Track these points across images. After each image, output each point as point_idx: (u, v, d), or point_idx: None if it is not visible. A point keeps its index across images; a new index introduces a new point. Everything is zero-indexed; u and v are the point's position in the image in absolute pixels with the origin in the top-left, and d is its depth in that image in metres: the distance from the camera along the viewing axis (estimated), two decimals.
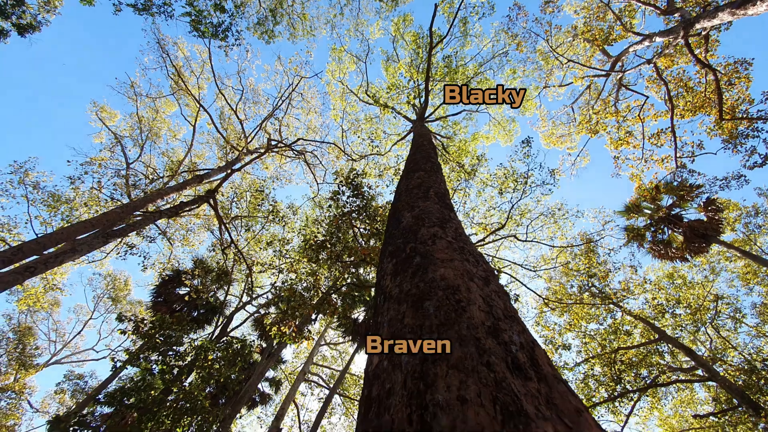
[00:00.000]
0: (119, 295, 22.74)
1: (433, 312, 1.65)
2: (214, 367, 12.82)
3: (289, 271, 12.87)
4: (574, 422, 1.21)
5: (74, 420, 10.12)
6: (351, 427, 21.68)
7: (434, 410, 1.16)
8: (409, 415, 1.19)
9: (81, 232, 8.68)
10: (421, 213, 3.07)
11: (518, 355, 1.44)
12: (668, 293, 17.36)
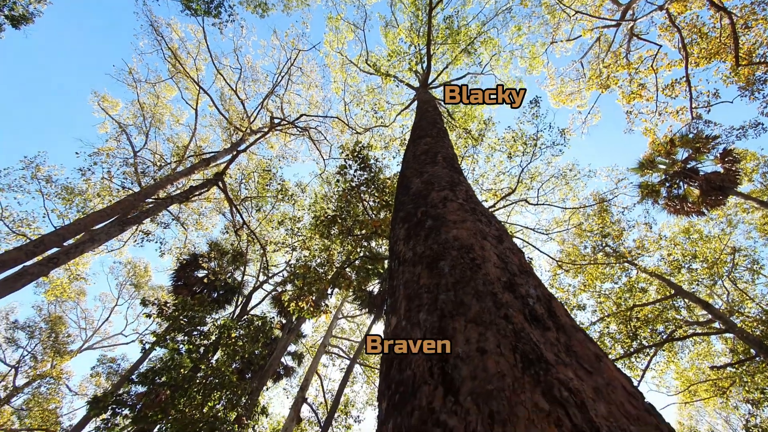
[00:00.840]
0: (141, 282, 23.47)
1: (448, 271, 1.65)
2: (237, 344, 13.29)
3: (302, 248, 13.04)
4: (595, 367, 1.22)
5: (112, 399, 10.70)
6: (373, 394, 22.52)
7: (454, 362, 1.18)
8: (430, 369, 1.21)
9: (97, 221, 8.86)
10: (431, 178, 3.03)
11: (535, 307, 1.44)
12: (684, 248, 17.17)
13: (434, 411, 1.07)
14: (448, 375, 1.15)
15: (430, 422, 1.04)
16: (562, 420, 0.94)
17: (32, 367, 20.33)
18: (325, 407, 20.77)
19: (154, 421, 10.86)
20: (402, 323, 1.56)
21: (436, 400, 1.10)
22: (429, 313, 1.46)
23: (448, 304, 1.45)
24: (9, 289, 7.01)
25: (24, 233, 13.46)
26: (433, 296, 1.55)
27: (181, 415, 10.64)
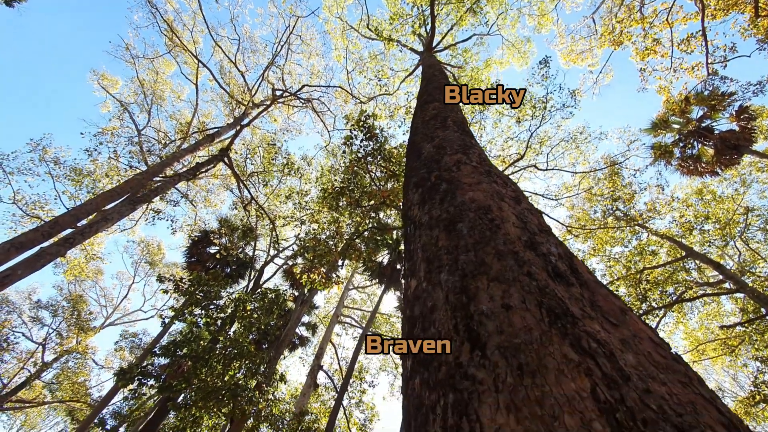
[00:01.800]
0: (155, 260, 24.00)
1: (467, 232, 1.63)
2: (253, 316, 13.66)
3: (311, 221, 13.11)
4: (620, 320, 1.21)
5: (137, 371, 11.17)
6: (386, 360, 23.28)
7: (479, 318, 1.18)
8: (455, 326, 1.22)
9: (108, 201, 8.95)
10: (442, 142, 2.96)
11: (558, 264, 1.43)
12: (696, 210, 16.94)
13: (461, 365, 1.08)
14: (473, 331, 1.15)
15: (458, 376, 1.05)
16: (593, 369, 0.94)
17: (58, 343, 21.25)
18: (340, 374, 21.57)
19: (178, 390, 11.37)
20: (423, 285, 1.56)
21: (462, 355, 1.10)
22: (450, 273, 1.46)
23: (469, 264, 1.44)
24: (30, 269, 7.20)
25: (38, 215, 13.69)
26: (453, 257, 1.54)
27: (203, 384, 11.12)
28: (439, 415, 1.02)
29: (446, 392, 1.05)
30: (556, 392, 0.89)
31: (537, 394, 0.90)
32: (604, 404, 0.86)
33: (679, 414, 0.85)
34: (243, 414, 11.11)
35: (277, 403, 12.50)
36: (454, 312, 1.27)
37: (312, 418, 14.52)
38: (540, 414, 0.86)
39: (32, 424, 25.92)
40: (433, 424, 1.02)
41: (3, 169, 13.56)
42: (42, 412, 24.77)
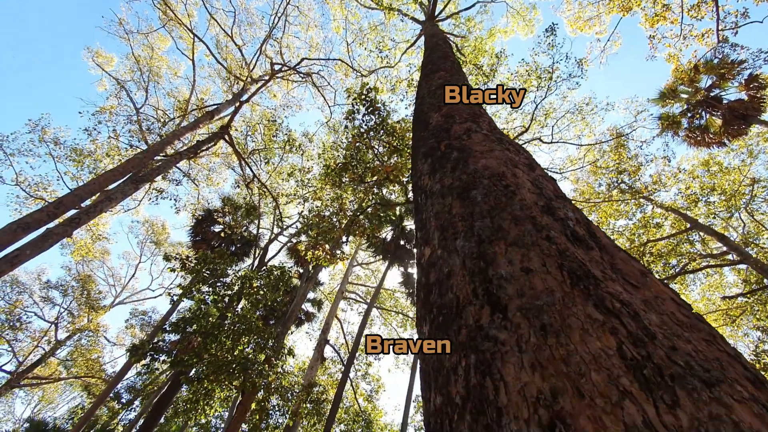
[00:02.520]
0: (160, 239, 24.19)
1: (481, 199, 1.60)
2: (259, 293, 13.87)
3: (314, 199, 13.09)
4: (641, 282, 1.20)
5: (149, 347, 11.46)
6: (390, 334, 23.77)
7: (498, 282, 1.17)
8: (473, 290, 1.21)
9: (111, 181, 8.93)
10: (450, 111, 2.89)
11: (576, 228, 1.40)
12: (702, 181, 16.81)
13: (482, 327, 1.07)
14: (493, 295, 1.14)
15: (480, 338, 1.05)
16: (618, 328, 0.93)
17: (70, 322, 21.75)
18: (346, 348, 22.09)
19: (189, 364, 11.69)
20: (438, 252, 1.54)
21: (483, 317, 1.10)
22: (466, 240, 1.44)
23: (485, 230, 1.42)
24: (38, 249, 7.27)
25: (41, 197, 13.71)
26: (468, 224, 1.52)
27: (214, 359, 11.42)
28: (461, 375, 1.03)
29: (468, 354, 1.05)
30: (582, 350, 0.89)
31: (562, 352, 0.89)
32: (631, 361, 0.85)
33: (706, 369, 0.85)
34: (253, 386, 11.46)
35: (286, 375, 12.87)
36: (472, 277, 1.26)
37: (320, 390, 14.95)
38: (566, 371, 0.85)
39: (50, 399, 26.91)
40: (455, 384, 1.03)
41: (3, 151, 13.49)
42: (58, 388, 25.65)
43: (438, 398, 1.10)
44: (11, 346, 20.46)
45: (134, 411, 21.34)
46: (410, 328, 22.74)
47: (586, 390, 0.80)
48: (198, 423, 18.98)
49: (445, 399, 1.06)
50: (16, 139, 13.85)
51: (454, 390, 1.03)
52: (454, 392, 1.02)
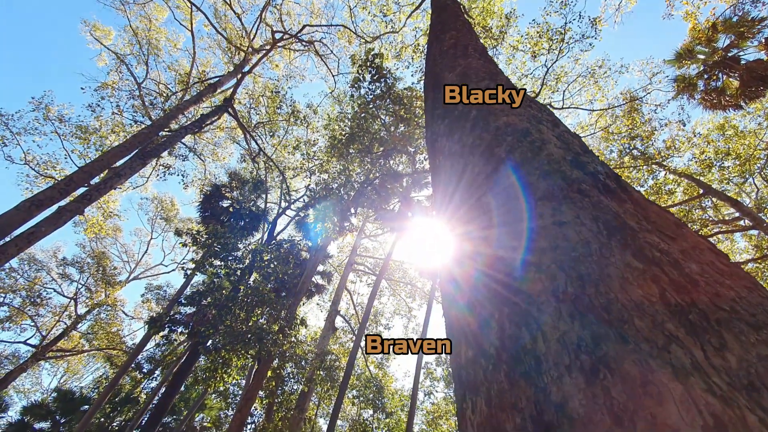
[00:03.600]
0: (170, 215, 24.45)
1: (506, 156, 1.55)
2: (270, 266, 14.08)
3: (320, 171, 13.03)
4: (677, 233, 1.17)
5: (167, 319, 11.84)
6: (399, 305, 24.24)
7: (530, 236, 1.14)
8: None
9: (118, 157, 8.92)
10: (465, 70, 2.78)
11: (607, 182, 1.36)
12: (717, 146, 16.40)
13: (516, 280, 1.06)
14: (524, 248, 1.12)
15: (513, 290, 1.04)
16: (659, 276, 0.91)
17: (88, 297, 22.44)
18: (356, 318, 22.61)
19: (206, 335, 12.07)
20: (459, 212, 1.51)
21: (515, 271, 1.08)
22: (492, 198, 1.40)
23: (511, 187, 1.38)
24: (53, 226, 7.38)
25: (51, 175, 13.81)
26: (494, 182, 1.48)
27: (229, 329, 11.76)
28: (494, 328, 1.02)
29: (501, 306, 1.04)
30: (623, 298, 0.87)
31: (602, 301, 0.88)
32: (676, 307, 0.83)
33: (751, 314, 0.83)
34: (269, 355, 11.84)
35: (300, 344, 13.25)
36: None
37: (333, 358, 15.41)
38: (607, 319, 0.84)
39: (74, 371, 28.19)
40: (488, 335, 1.02)
41: (10, 130, 13.49)
42: (82, 360, 26.79)
43: (469, 351, 1.10)
44: (34, 321, 21.26)
45: (155, 380, 22.33)
46: (419, 298, 23.14)
47: (630, 336, 0.79)
48: (217, 390, 19.82)
49: (477, 351, 1.06)
50: (21, 117, 13.80)
51: (487, 342, 1.02)
52: (487, 344, 1.02)
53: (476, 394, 1.00)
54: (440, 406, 23.97)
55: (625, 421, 0.68)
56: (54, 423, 19.08)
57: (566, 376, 0.79)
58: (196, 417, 21.14)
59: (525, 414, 0.82)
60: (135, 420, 15.66)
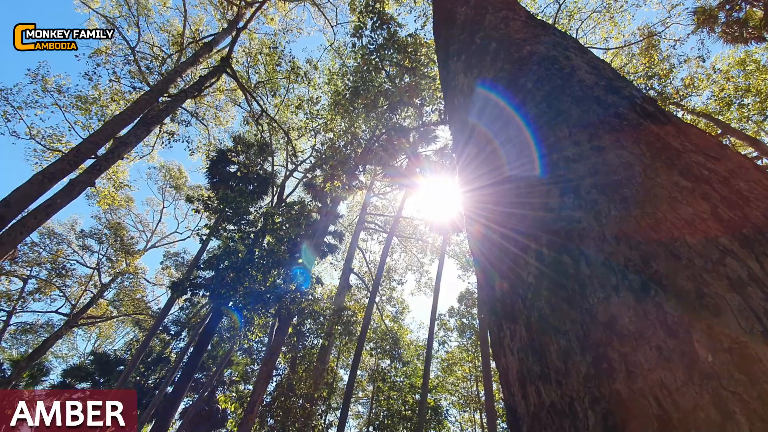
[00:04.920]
0: (179, 183, 24.61)
1: (533, 86, 1.46)
2: (282, 229, 14.27)
3: (325, 131, 12.78)
4: (721, 154, 1.10)
5: (188, 283, 12.26)
6: (410, 260, 24.66)
7: (566, 165, 1.09)
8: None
9: (122, 125, 8.82)
10: (480, 2, 2.58)
11: (645, 105, 1.28)
12: (737, 83, 15.60)
13: (552, 209, 1.03)
14: (561, 177, 1.07)
15: (550, 220, 1.01)
16: (709, 193, 0.87)
17: (110, 267, 23.23)
18: (370, 275, 23.16)
19: (226, 297, 12.53)
20: (486, 147, 1.45)
21: (552, 200, 1.05)
22: (520, 130, 1.34)
23: (541, 116, 1.31)
24: (68, 198, 7.48)
25: (57, 149, 13.81)
26: (520, 113, 1.40)
27: (248, 290, 12.17)
28: (532, 258, 1.00)
29: (538, 235, 1.02)
30: (672, 217, 0.83)
31: (649, 221, 0.84)
32: (728, 222, 0.80)
33: None
34: (288, 313, 12.31)
35: (317, 302, 13.73)
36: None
37: (349, 314, 15.96)
38: (656, 238, 0.81)
39: (106, 335, 29.84)
40: (527, 265, 1.01)
41: (11, 105, 13.35)
42: (112, 325, 28.26)
43: (505, 283, 1.10)
44: (62, 292, 22.24)
45: (183, 341, 23.61)
46: (430, 253, 23.48)
47: (682, 252, 0.76)
48: (241, 347, 20.89)
49: (514, 282, 1.05)
50: (20, 91, 13.60)
51: (524, 272, 1.01)
52: (525, 274, 1.01)
53: (514, 322, 1.01)
54: (454, 354, 25.09)
55: (680, 333, 0.67)
56: (94, 383, 20.51)
57: (614, 297, 0.77)
58: (224, 372, 22.50)
59: (570, 335, 0.81)
60: (168, 377, 16.74)
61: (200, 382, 21.34)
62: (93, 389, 17.09)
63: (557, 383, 0.81)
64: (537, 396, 0.87)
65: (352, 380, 12.59)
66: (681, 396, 0.62)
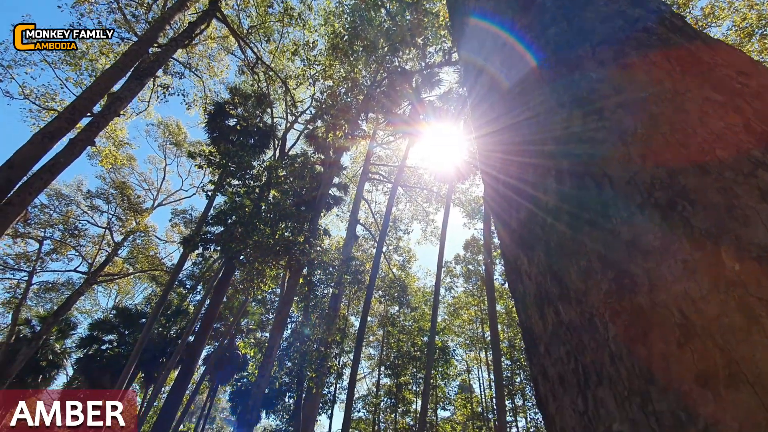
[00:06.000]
0: (179, 140, 24.27)
1: (551, 4, 1.35)
2: (286, 182, 14.25)
3: (324, 78, 12.29)
4: (752, 70, 1.04)
5: (199, 238, 12.53)
6: (416, 210, 24.80)
7: (587, 86, 1.04)
8: (558, 101, 1.09)
9: (114, 79, 8.53)
10: None
11: (673, 20, 1.18)
12: (761, 10, 14.52)
13: (575, 133, 0.99)
14: (581, 99, 1.02)
15: (572, 142, 0.98)
16: (742, 107, 0.82)
17: (121, 226, 23.66)
18: (376, 226, 23.45)
19: (237, 251, 12.82)
20: (501, 74, 1.38)
21: (574, 124, 1.01)
22: (538, 51, 1.26)
23: (561, 35, 1.23)
24: (71, 156, 7.44)
25: (52, 108, 13.50)
26: (536, 34, 1.31)
27: (258, 244, 12.43)
28: (552, 183, 0.99)
29: (559, 161, 0.99)
30: (703, 132, 0.80)
31: (678, 137, 0.81)
32: (761, 135, 0.77)
33: None
34: (298, 264, 12.66)
35: (326, 252, 14.05)
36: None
37: (357, 263, 16.36)
38: (686, 153, 0.78)
39: (126, 291, 31.16)
40: (546, 191, 0.99)
41: (1, 64, 12.88)
42: (130, 281, 29.38)
43: (521, 213, 1.09)
44: (78, 251, 22.90)
45: (199, 294, 24.60)
46: (435, 202, 23.53)
47: (712, 167, 0.74)
48: (255, 299, 21.76)
49: (532, 210, 1.04)
50: (8, 49, 13.08)
51: (544, 198, 1.00)
52: (544, 200, 1.00)
53: (532, 249, 1.01)
54: (460, 298, 26.05)
55: (707, 245, 0.66)
56: (119, 335, 21.74)
57: (638, 215, 0.76)
58: (241, 321, 23.66)
59: (591, 256, 0.82)
60: (189, 327, 17.66)
61: (219, 331, 22.54)
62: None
63: (577, 302, 0.83)
64: (555, 315, 0.89)
65: (363, 325, 13.20)
66: (705, 304, 0.63)
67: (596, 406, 0.73)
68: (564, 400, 0.85)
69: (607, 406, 0.70)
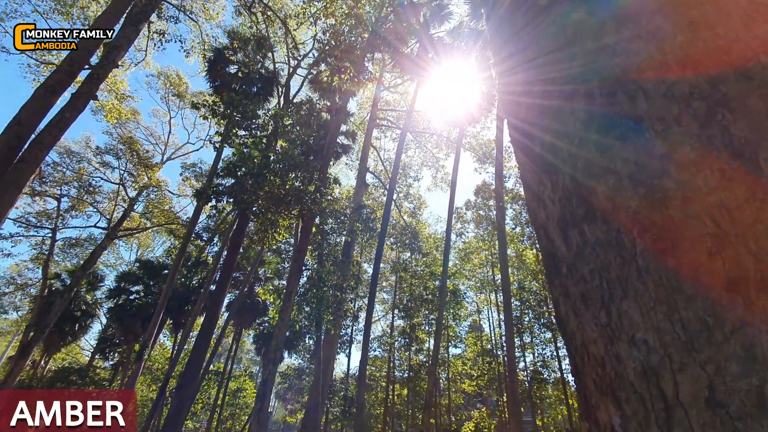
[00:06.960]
0: (180, 91, 23.69)
1: None
2: (294, 131, 14.02)
3: (325, 15, 11.58)
4: None
5: (212, 190, 12.67)
6: (425, 156, 24.44)
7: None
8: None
9: (107, 26, 8.15)
10: None
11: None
12: None
13: (608, 45, 0.93)
14: (617, 7, 0.95)
15: (604, 58, 0.92)
16: None
17: (134, 181, 23.97)
18: (386, 173, 23.31)
19: (249, 202, 12.98)
20: None
21: (607, 35, 0.94)
22: None
23: None
24: (75, 111, 7.36)
25: (50, 62, 13.14)
26: None
27: (269, 194, 12.54)
28: (581, 102, 0.95)
29: (589, 78, 0.94)
30: (746, 36, 0.76)
31: (720, 43, 0.77)
32: None
33: None
34: (310, 213, 12.83)
35: (337, 201, 14.15)
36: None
37: (368, 211, 16.49)
38: (727, 60, 0.74)
39: (146, 245, 32.33)
40: (575, 111, 0.96)
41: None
42: (149, 235, 30.36)
43: (547, 135, 1.06)
44: (96, 208, 23.50)
45: (216, 245, 25.40)
46: (446, 148, 23.09)
47: (755, 73, 0.72)
48: (270, 248, 22.40)
49: (557, 133, 1.01)
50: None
51: (571, 119, 0.97)
52: (572, 121, 0.96)
53: (557, 173, 1.00)
54: (471, 243, 26.43)
55: (745, 153, 0.65)
56: (145, 285, 22.92)
57: (674, 127, 0.74)
58: (259, 270, 24.61)
59: (621, 173, 0.80)
60: (209, 277, 18.48)
61: (239, 280, 23.55)
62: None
63: (603, 221, 0.83)
64: (580, 236, 0.90)
65: (376, 271, 13.62)
66: (741, 213, 0.63)
67: (620, 318, 0.75)
68: (585, 315, 0.88)
69: (632, 317, 0.73)
